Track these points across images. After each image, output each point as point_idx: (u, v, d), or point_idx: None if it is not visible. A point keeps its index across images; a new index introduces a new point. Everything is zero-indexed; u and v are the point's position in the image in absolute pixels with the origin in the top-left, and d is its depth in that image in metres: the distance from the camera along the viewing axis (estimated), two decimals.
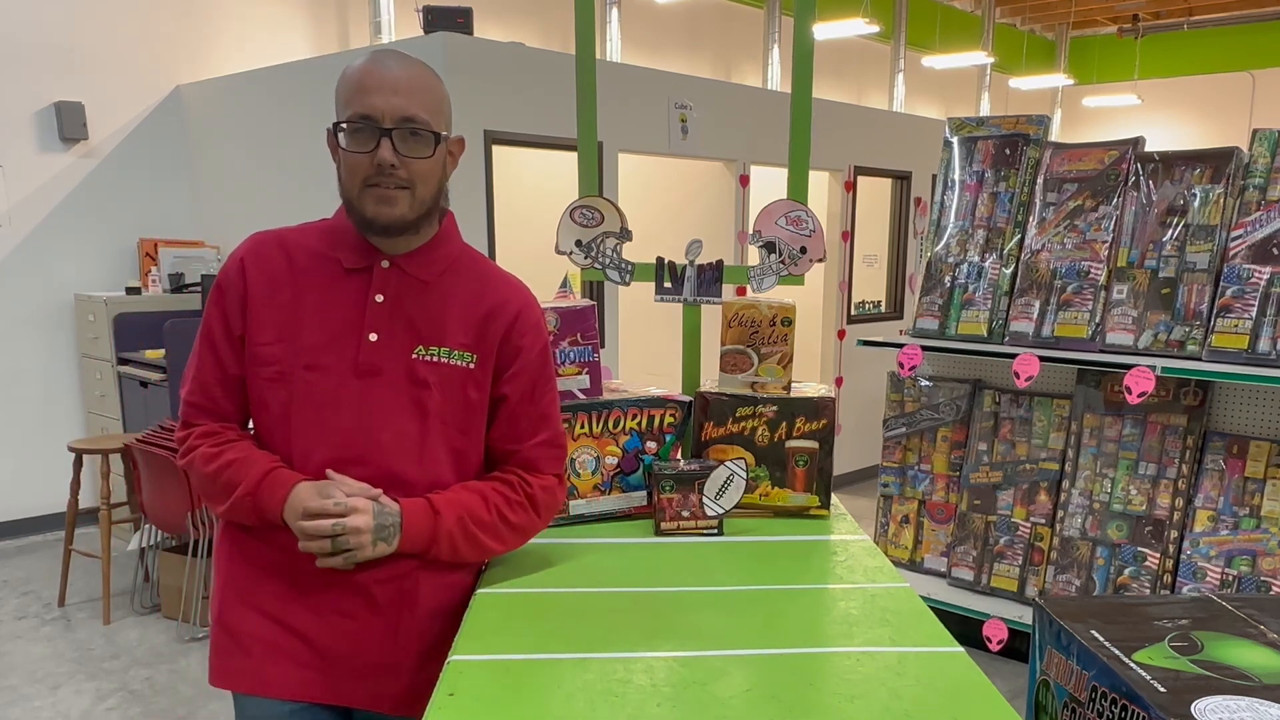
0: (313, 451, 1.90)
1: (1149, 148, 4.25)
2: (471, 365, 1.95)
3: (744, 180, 7.18)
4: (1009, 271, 4.42)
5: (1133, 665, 1.37)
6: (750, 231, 2.77)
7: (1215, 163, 4.03)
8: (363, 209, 1.86)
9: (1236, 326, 3.83)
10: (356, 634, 1.92)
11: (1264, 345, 3.76)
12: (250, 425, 2.00)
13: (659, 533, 2.34)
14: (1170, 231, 4.05)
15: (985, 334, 4.43)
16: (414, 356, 1.91)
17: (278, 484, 1.85)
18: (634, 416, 2.44)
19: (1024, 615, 4.30)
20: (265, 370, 1.91)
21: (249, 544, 1.96)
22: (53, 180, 6.76)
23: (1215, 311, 3.89)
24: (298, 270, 1.93)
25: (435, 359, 1.93)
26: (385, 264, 1.93)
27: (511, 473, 2.03)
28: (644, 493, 2.46)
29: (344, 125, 1.84)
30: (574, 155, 2.91)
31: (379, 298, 1.91)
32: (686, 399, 2.50)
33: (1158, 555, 4.07)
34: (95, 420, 6.85)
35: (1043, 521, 4.41)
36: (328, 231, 1.97)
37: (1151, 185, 4.13)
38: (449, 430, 1.96)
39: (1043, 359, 4.06)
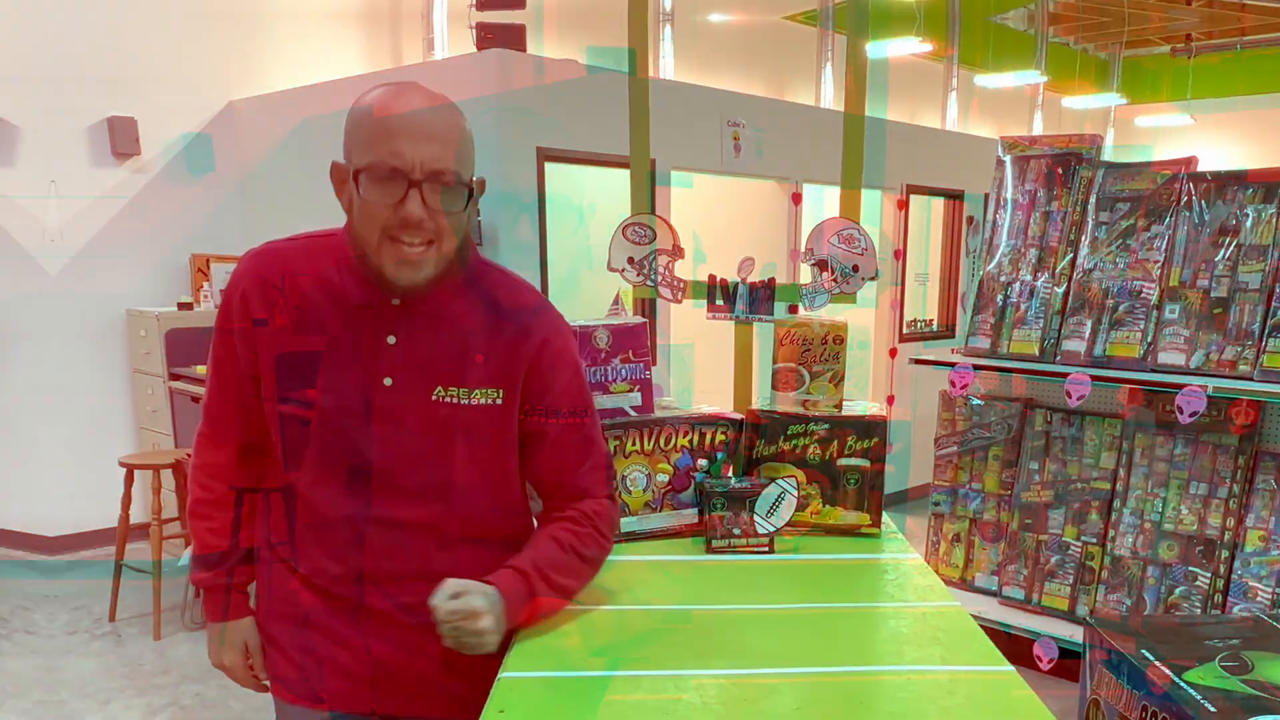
0: (337, 497, 1.82)
1: (1201, 168, 4.22)
2: (498, 400, 1.84)
3: (796, 198, 7.19)
4: (1061, 291, 4.40)
5: (1183, 685, 1.38)
6: (802, 249, 2.79)
7: (1268, 183, 4.00)
8: (381, 265, 1.71)
9: None
10: (411, 650, 1.88)
11: None
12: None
13: (710, 550, 2.34)
14: (1222, 251, 4.02)
15: (1037, 353, 4.41)
16: (434, 399, 1.80)
17: None
18: (685, 434, 2.46)
19: (1075, 634, 4.27)
20: (282, 406, 1.81)
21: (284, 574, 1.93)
22: (105, 195, 6.77)
23: (1267, 331, 3.86)
24: (302, 296, 1.80)
25: (456, 400, 1.80)
26: (396, 302, 1.79)
27: (571, 508, 1.94)
28: (695, 510, 2.46)
29: (365, 172, 1.68)
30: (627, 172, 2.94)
31: (391, 339, 1.79)
32: (738, 416, 2.51)
33: (1208, 575, 4.03)
34: (147, 436, 6.85)
35: (1093, 540, 4.38)
36: (337, 250, 1.83)
37: (1204, 205, 4.10)
38: (478, 469, 1.87)
39: (1095, 379, 4.04)
